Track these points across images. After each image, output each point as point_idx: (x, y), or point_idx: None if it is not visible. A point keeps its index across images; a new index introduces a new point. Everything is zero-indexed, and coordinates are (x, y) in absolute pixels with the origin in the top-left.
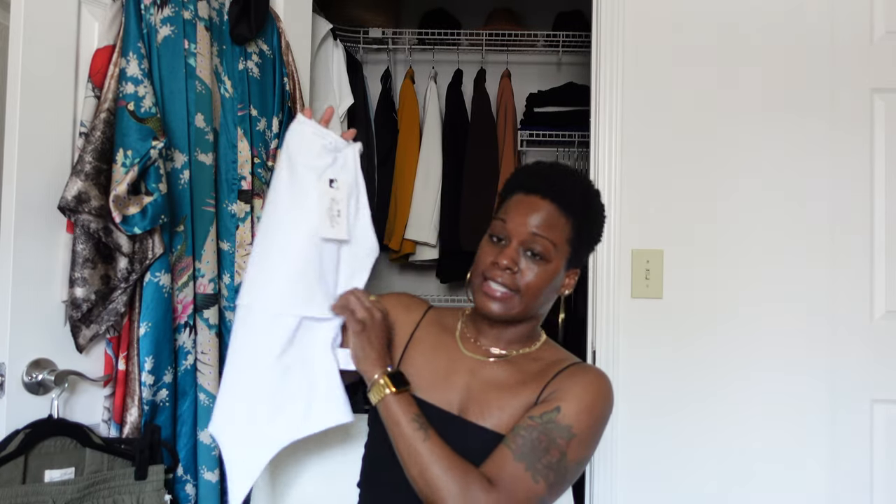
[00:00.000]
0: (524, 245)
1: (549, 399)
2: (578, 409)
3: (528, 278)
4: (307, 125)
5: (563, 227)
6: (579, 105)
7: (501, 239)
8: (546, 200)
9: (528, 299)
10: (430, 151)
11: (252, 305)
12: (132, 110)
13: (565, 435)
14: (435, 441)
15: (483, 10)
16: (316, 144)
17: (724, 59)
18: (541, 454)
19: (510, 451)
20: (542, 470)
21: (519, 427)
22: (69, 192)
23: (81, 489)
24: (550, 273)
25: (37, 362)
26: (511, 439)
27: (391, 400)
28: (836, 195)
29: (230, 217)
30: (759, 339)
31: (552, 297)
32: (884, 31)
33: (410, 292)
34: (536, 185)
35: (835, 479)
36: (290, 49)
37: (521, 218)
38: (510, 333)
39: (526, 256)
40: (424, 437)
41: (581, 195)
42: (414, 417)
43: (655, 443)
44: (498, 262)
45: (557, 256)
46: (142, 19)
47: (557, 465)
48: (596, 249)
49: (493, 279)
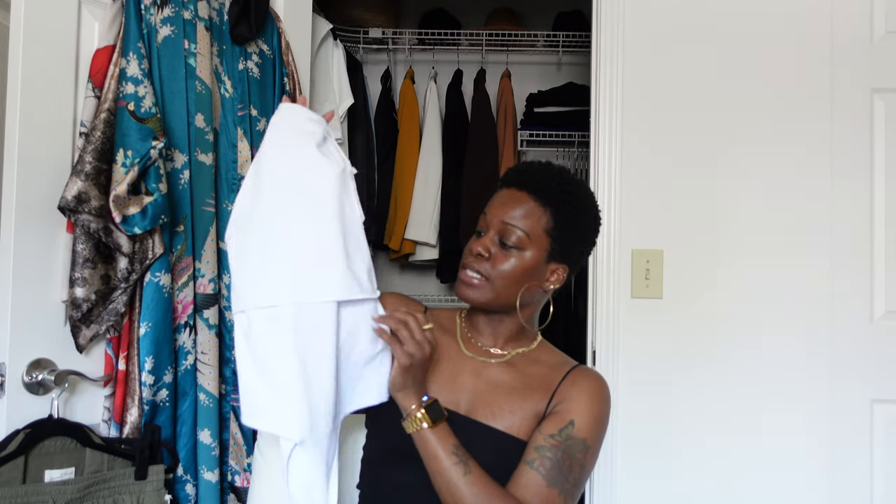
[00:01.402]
0: (498, 234)
1: (560, 411)
2: (590, 421)
3: (499, 265)
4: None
5: (539, 216)
6: (579, 105)
7: (481, 231)
8: (523, 192)
9: (498, 285)
10: (430, 151)
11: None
12: (132, 110)
13: (582, 449)
14: (476, 475)
15: (483, 10)
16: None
17: (724, 59)
18: (567, 474)
19: (541, 478)
20: (569, 489)
21: (542, 448)
22: (69, 192)
23: (81, 489)
24: (524, 262)
25: (37, 362)
26: (538, 462)
27: (428, 433)
28: (836, 195)
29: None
30: (758, 339)
31: (535, 289)
32: (884, 31)
33: (410, 292)
34: (517, 179)
35: (835, 479)
36: (290, 49)
37: (498, 209)
38: (503, 329)
39: (499, 245)
40: (465, 471)
41: (558, 185)
42: (453, 451)
43: (655, 443)
44: (472, 248)
45: (533, 246)
46: (142, 19)
47: (578, 479)
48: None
49: (468, 266)
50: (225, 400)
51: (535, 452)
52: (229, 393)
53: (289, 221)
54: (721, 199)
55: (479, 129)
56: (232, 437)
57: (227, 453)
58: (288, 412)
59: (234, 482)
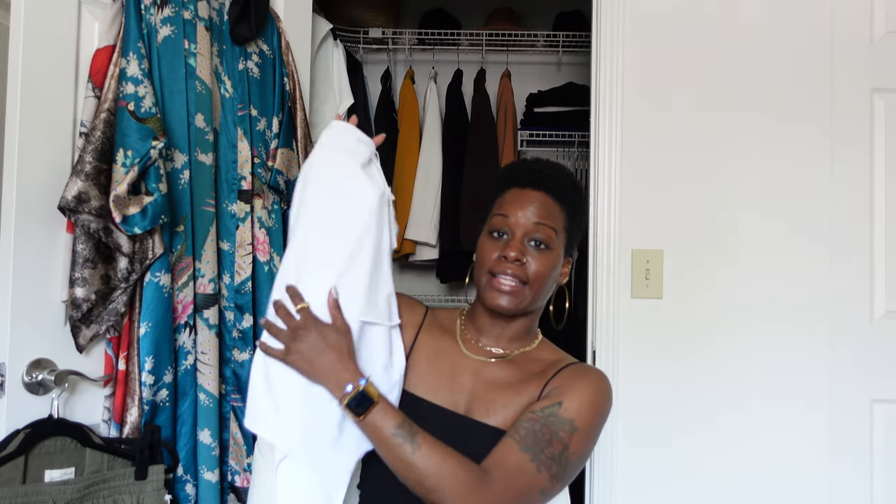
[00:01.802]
0: (528, 236)
1: (550, 395)
2: (580, 405)
3: (535, 267)
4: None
5: (558, 214)
6: (579, 105)
7: (504, 234)
8: (541, 192)
9: (535, 288)
10: (430, 151)
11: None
12: (132, 110)
13: (567, 428)
14: (424, 448)
15: (483, 10)
16: (352, 136)
17: (723, 59)
18: (544, 445)
19: (514, 442)
20: (545, 461)
21: (521, 420)
22: (69, 192)
23: (81, 489)
24: (553, 260)
25: (37, 362)
26: (514, 431)
27: (362, 424)
28: (836, 195)
29: (230, 217)
30: (759, 339)
31: (553, 286)
32: (884, 31)
33: (410, 292)
34: (530, 178)
35: (835, 479)
36: (290, 49)
37: (521, 210)
38: (512, 330)
39: (530, 247)
40: (412, 449)
41: (570, 184)
42: (393, 433)
43: (655, 442)
44: (506, 255)
45: (558, 243)
46: (142, 19)
47: (560, 457)
48: (595, 248)
49: (503, 273)
50: (225, 400)
51: (514, 426)
52: (229, 393)
53: (324, 240)
54: (721, 199)
55: (479, 129)
56: (232, 437)
57: (227, 453)
58: (283, 421)
59: (234, 482)
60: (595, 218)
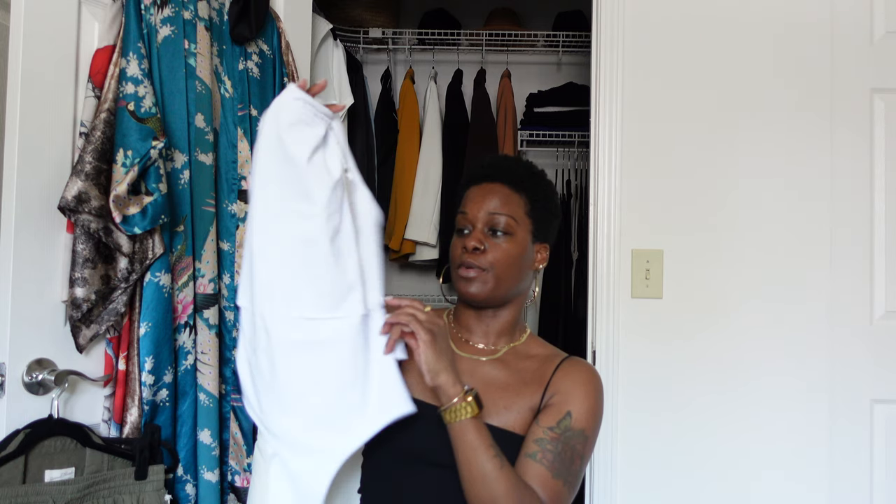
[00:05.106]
0: (487, 225)
1: (556, 403)
2: (586, 412)
3: (496, 253)
4: (296, 93)
5: (517, 201)
6: (579, 105)
7: (465, 229)
8: (496, 183)
9: (499, 272)
10: (430, 151)
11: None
12: (132, 110)
13: (581, 440)
14: (509, 468)
15: (483, 10)
16: (284, 121)
17: (723, 59)
18: (569, 465)
19: (546, 470)
20: (572, 481)
21: (541, 440)
22: (69, 192)
23: (81, 489)
24: (517, 246)
25: (37, 362)
26: (540, 455)
27: (470, 424)
28: (836, 195)
29: (230, 217)
30: (758, 340)
31: (527, 272)
32: (884, 31)
33: (410, 292)
34: (485, 173)
35: (835, 479)
36: (290, 49)
37: (478, 204)
38: (497, 324)
39: (490, 236)
40: (501, 464)
41: (525, 170)
42: (491, 443)
43: (655, 442)
44: (465, 245)
45: (521, 229)
46: (142, 19)
47: (579, 470)
48: (596, 248)
49: (465, 263)
50: (225, 400)
51: (536, 445)
52: (229, 393)
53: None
54: (721, 200)
55: (479, 129)
56: (232, 438)
57: (227, 453)
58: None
59: (234, 482)
60: (595, 218)
